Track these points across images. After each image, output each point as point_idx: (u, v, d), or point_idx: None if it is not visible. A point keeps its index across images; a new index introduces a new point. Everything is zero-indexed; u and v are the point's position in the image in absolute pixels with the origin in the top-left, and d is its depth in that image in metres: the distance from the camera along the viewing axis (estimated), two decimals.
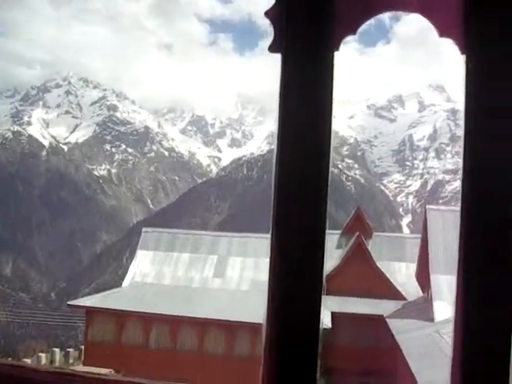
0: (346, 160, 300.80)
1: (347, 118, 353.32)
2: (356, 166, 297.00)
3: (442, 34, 2.00)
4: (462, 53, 1.95)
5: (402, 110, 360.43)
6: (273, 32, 1.99)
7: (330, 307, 29.58)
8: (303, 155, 1.85)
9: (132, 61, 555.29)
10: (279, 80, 1.92)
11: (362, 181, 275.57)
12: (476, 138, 1.84)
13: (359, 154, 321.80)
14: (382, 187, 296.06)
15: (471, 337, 1.78)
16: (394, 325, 27.94)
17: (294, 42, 1.92)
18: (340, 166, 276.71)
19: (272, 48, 1.98)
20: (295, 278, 1.81)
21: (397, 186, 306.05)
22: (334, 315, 28.06)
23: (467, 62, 1.92)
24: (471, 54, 1.91)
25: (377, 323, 29.91)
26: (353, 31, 2.01)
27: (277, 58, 1.97)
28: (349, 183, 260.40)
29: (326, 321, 26.57)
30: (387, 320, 29.05)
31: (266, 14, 1.98)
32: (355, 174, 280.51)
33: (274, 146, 1.89)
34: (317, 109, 1.87)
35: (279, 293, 1.81)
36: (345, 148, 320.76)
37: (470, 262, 1.79)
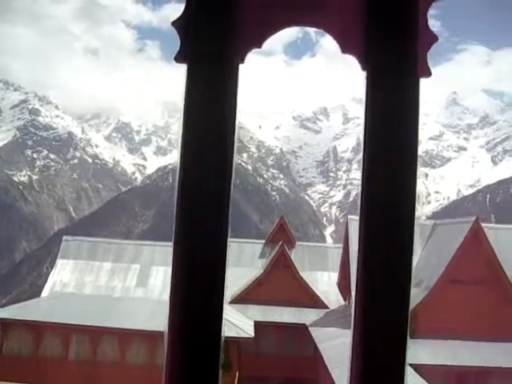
0: (272, 170, 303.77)
1: (273, 128, 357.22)
2: (281, 176, 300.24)
3: (345, 50, 2.06)
4: (363, 69, 2.02)
5: (326, 122, 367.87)
6: (179, 42, 1.99)
7: (253, 316, 29.69)
8: (206, 164, 1.86)
9: (56, 64, 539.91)
10: (184, 90, 1.92)
11: (287, 191, 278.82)
12: (375, 150, 1.90)
13: (284, 164, 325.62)
14: (307, 197, 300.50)
15: (368, 338, 1.83)
16: (316, 333, 28.35)
17: (199, 53, 1.93)
18: (265, 176, 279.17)
19: (178, 58, 1.98)
20: (197, 287, 1.81)
21: (321, 196, 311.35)
22: (256, 324, 28.14)
23: (367, 78, 1.98)
24: (371, 71, 1.98)
25: (299, 332, 30.26)
26: (258, 45, 2.04)
27: None
28: (274, 193, 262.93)
29: (248, 330, 26.62)
30: (310, 328, 29.46)
31: (173, 24, 1.98)
32: (280, 184, 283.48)
33: (178, 156, 1.89)
34: (220, 120, 1.89)
35: (180, 302, 1.81)
36: (270, 158, 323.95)
37: (368, 267, 1.85)
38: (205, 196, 1.87)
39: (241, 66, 1.99)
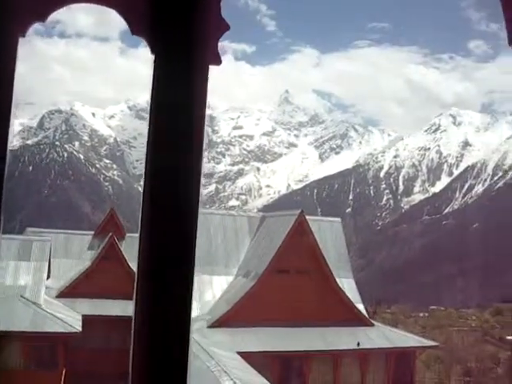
0: (105, 160, 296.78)
1: (107, 117, 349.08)
2: (115, 166, 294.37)
3: (134, 32, 2.00)
4: (152, 52, 1.99)
5: None
6: None
7: (81, 310, 28.79)
8: None
9: None
10: None
11: (121, 181, 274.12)
12: (159, 136, 1.87)
13: (118, 154, 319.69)
14: (140, 189, 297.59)
15: (149, 329, 1.82)
16: None
17: None
18: (98, 166, 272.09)
19: None
20: None
21: None
22: (84, 318, 27.35)
23: (155, 62, 1.95)
24: (159, 55, 1.95)
25: (128, 325, 29.81)
26: (41, 18, 1.92)
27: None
28: (107, 183, 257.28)
29: (76, 324, 25.82)
30: None
31: None
32: (113, 175, 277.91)
33: None
34: None
35: None
36: (104, 148, 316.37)
37: (146, 265, 1.83)
38: None
39: (21, 40, 1.86)
